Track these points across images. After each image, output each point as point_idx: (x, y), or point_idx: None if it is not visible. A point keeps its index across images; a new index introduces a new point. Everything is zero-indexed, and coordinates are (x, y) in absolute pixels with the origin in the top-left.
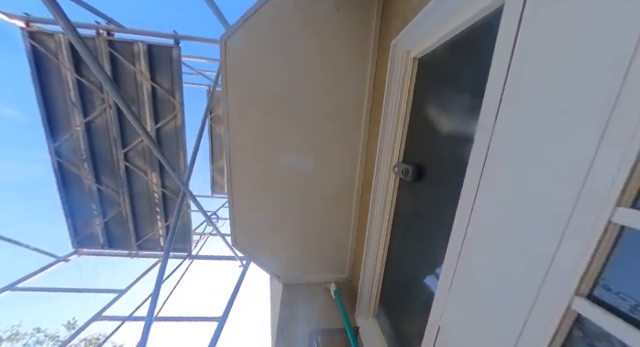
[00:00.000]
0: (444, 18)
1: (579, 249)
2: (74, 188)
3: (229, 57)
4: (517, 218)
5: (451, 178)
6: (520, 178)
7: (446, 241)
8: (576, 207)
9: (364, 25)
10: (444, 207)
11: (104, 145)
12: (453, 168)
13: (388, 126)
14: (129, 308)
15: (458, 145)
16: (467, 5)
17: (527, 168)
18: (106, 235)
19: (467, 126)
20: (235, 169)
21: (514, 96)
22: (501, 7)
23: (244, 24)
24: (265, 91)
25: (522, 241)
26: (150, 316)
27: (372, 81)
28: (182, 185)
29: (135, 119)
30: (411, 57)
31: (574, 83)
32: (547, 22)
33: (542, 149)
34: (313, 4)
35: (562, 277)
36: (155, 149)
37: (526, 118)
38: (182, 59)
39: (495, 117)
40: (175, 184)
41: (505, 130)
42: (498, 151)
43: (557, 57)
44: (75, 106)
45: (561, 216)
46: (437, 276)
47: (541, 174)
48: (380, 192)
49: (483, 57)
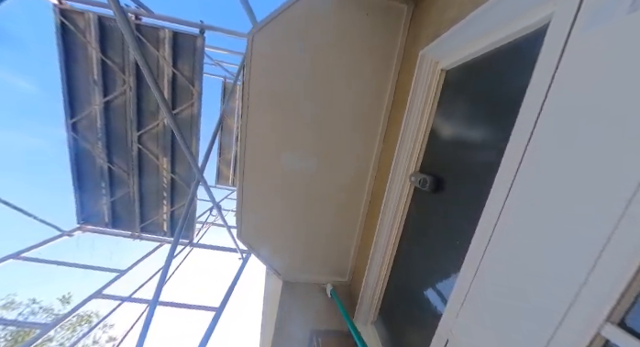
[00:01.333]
0: (480, 34)
1: (615, 275)
2: (86, 165)
3: (255, 51)
4: (547, 241)
5: (472, 194)
6: (552, 203)
7: (461, 256)
8: (614, 233)
9: (391, 32)
10: (461, 221)
11: (120, 126)
12: (475, 184)
13: (408, 134)
14: (124, 289)
15: (482, 162)
16: (507, 23)
17: (560, 192)
18: (112, 214)
19: (493, 144)
20: (248, 163)
21: (552, 122)
22: (544, 28)
23: (273, 20)
24: (285, 89)
25: (551, 265)
26: (156, 300)
27: (393, 88)
28: (197, 173)
29: (164, 104)
30: (439, 68)
31: (617, 119)
32: (595, 46)
33: (580, 175)
34: (342, 7)
35: (593, 303)
36: (178, 134)
37: (564, 145)
38: (205, 49)
39: (527, 142)
40: (185, 171)
41: (538, 154)
42: (528, 173)
43: (599, 89)
44: (96, 85)
45: (598, 240)
46: (447, 289)
47: (575, 201)
48: (393, 199)
49: (518, 77)
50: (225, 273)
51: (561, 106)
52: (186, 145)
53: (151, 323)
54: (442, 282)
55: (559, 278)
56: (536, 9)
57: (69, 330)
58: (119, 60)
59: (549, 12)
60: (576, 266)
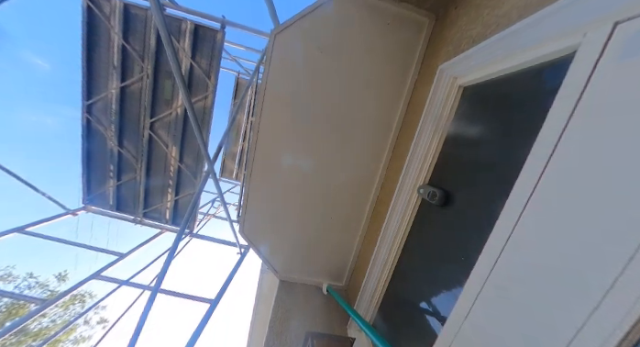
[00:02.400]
0: (503, 55)
1: (632, 300)
2: (96, 147)
3: (275, 51)
4: (560, 268)
5: (482, 212)
6: (565, 230)
7: (465, 273)
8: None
9: (410, 43)
10: (468, 238)
11: (134, 112)
12: (485, 202)
13: (420, 146)
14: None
15: (494, 182)
16: (531, 48)
17: (574, 224)
18: (116, 198)
19: (507, 166)
20: (257, 159)
21: (571, 151)
22: (570, 57)
23: (296, 22)
24: (300, 91)
25: (559, 294)
26: (157, 287)
27: (408, 98)
28: (208, 165)
29: (186, 93)
30: (457, 84)
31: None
32: (622, 80)
33: (594, 208)
34: (365, 15)
35: (605, 326)
36: (194, 124)
37: (583, 173)
38: (224, 44)
39: (544, 168)
40: (192, 162)
41: (554, 183)
42: (540, 199)
43: (622, 123)
44: (115, 70)
45: (616, 265)
46: (447, 306)
47: (585, 234)
48: (399, 209)
49: (539, 102)
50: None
51: (582, 136)
52: (201, 136)
53: (150, 310)
54: (442, 297)
55: (569, 301)
56: (563, 38)
57: (61, 307)
58: (139, 47)
59: (576, 42)
60: (589, 296)
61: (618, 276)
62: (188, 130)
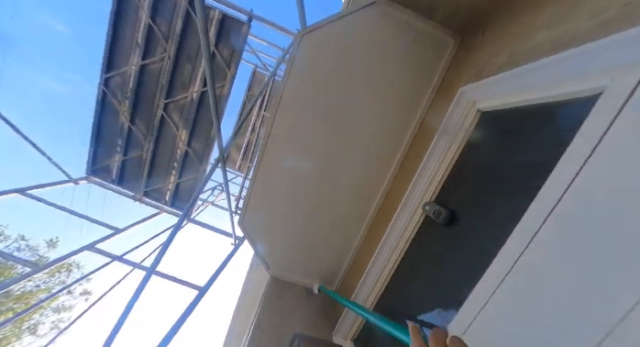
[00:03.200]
0: (527, 87)
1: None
2: (108, 120)
3: (300, 52)
4: (567, 298)
5: (487, 236)
6: (576, 264)
7: (463, 295)
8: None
9: (432, 61)
10: (470, 260)
11: (150, 91)
12: (491, 227)
13: (430, 163)
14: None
15: (503, 209)
16: (557, 83)
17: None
18: (120, 173)
19: (518, 195)
20: (266, 155)
21: (588, 187)
22: (595, 98)
23: (325, 26)
24: (318, 93)
25: (562, 325)
26: (153, 268)
27: (423, 115)
28: (220, 152)
29: (212, 82)
30: (476, 108)
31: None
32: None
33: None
34: (392, 28)
35: None
36: (214, 112)
37: (598, 216)
38: (248, 36)
39: (556, 204)
40: (200, 147)
41: (564, 223)
42: (547, 237)
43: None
44: (138, 48)
45: (616, 312)
46: (442, 323)
47: (593, 279)
48: (401, 223)
49: (557, 137)
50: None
51: (599, 176)
52: (218, 124)
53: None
54: (434, 317)
55: (571, 338)
56: (590, 79)
57: (47, 273)
58: (165, 29)
59: (602, 85)
60: (593, 332)
61: (624, 316)
62: (200, 116)
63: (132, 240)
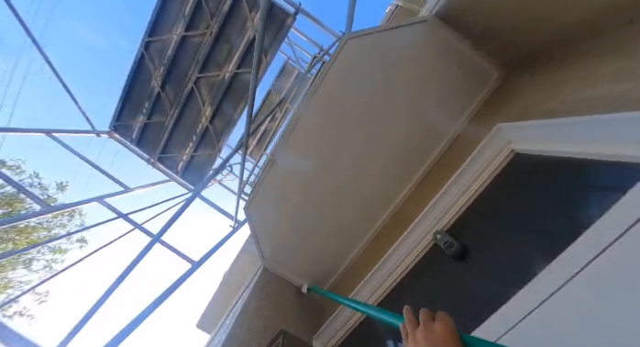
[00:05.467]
0: (574, 139)
1: None
2: (140, 82)
3: (341, 55)
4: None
5: (498, 280)
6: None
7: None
8: None
9: (472, 91)
10: (476, 301)
11: (186, 62)
12: (504, 272)
13: (451, 192)
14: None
15: (521, 257)
16: (608, 143)
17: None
18: (140, 134)
19: (541, 248)
20: (287, 148)
21: (629, 255)
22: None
23: (372, 34)
24: (350, 98)
25: None
26: (159, 236)
27: (451, 141)
28: (246, 135)
29: (255, 70)
30: (510, 147)
31: None
32: None
33: None
34: (440, 51)
35: None
36: (251, 95)
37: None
38: (290, 29)
39: (582, 268)
40: (221, 126)
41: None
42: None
43: None
44: (184, 19)
45: None
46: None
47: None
48: (407, 246)
49: (596, 195)
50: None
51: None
52: (251, 108)
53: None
54: None
55: None
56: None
57: (51, 214)
58: (213, 6)
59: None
60: None
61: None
62: (228, 97)
63: (135, 202)
